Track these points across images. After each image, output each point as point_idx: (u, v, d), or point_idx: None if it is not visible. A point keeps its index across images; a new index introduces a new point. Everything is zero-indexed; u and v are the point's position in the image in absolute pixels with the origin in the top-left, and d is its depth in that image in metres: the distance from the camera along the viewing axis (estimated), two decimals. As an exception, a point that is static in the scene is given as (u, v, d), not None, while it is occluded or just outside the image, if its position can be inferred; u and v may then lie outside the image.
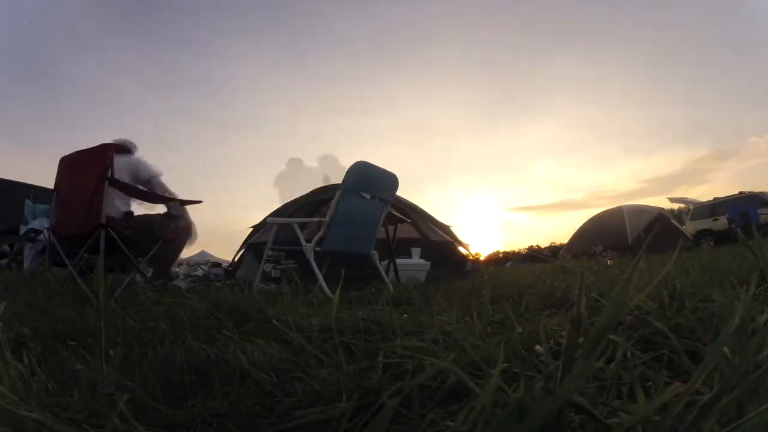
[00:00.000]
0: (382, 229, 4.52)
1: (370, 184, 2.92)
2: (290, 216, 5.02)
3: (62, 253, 2.60)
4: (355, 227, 2.93)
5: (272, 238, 2.87)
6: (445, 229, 5.74)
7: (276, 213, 5.69)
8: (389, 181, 3.12)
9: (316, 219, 2.95)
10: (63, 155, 2.86)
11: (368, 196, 2.91)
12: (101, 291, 0.88)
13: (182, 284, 3.06)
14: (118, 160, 3.08)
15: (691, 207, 13.91)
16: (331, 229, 2.76)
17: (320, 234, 2.75)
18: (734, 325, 0.51)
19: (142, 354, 0.98)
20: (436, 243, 5.27)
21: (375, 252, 3.03)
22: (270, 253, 3.07)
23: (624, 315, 0.72)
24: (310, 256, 2.62)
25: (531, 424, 0.40)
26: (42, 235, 4.33)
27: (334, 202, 2.79)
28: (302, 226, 2.82)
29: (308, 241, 2.72)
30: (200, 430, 0.65)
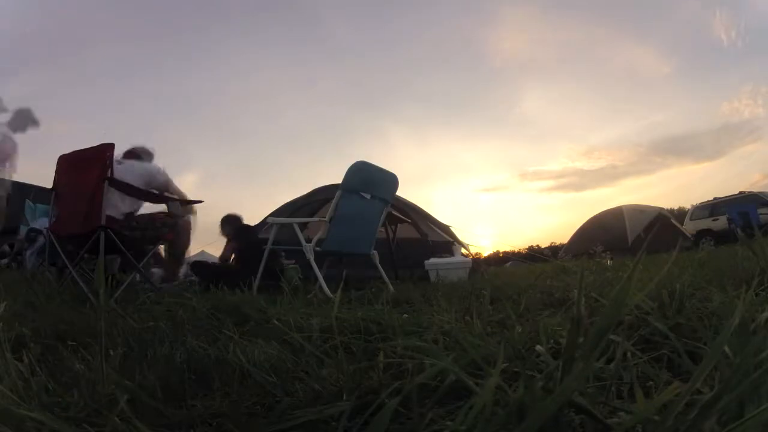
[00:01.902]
0: (382, 229, 4.55)
1: (370, 184, 2.93)
2: (290, 216, 5.02)
3: (62, 254, 2.60)
4: (355, 227, 2.93)
5: (272, 238, 2.87)
6: (445, 229, 5.74)
7: (276, 213, 5.70)
8: (389, 181, 3.13)
9: (316, 219, 2.95)
10: (62, 154, 2.86)
11: (368, 196, 2.92)
12: (101, 291, 0.88)
13: (185, 281, 3.07)
14: (132, 164, 3.09)
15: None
16: (331, 229, 2.76)
17: (320, 234, 2.76)
18: (734, 325, 0.51)
19: (142, 354, 0.98)
20: (436, 243, 5.27)
21: (375, 252, 3.04)
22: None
23: (624, 315, 0.72)
24: (310, 256, 2.62)
25: (531, 423, 0.40)
26: (42, 235, 4.34)
27: (334, 202, 2.80)
28: (302, 225, 2.82)
29: (308, 241, 2.72)
30: (200, 430, 0.65)
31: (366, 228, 3.02)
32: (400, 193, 3.38)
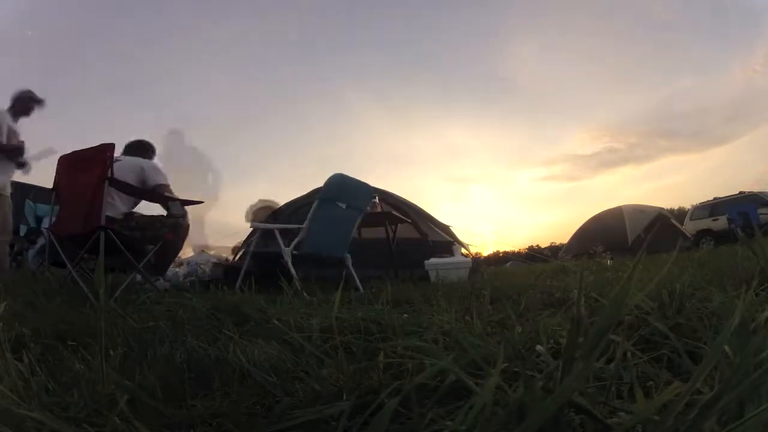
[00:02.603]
0: (382, 229, 4.57)
1: (346, 194, 3.19)
2: (290, 216, 5.03)
3: (62, 254, 2.60)
4: (331, 233, 3.18)
5: (255, 241, 3.19)
6: (445, 229, 5.74)
7: (277, 212, 5.70)
8: (364, 192, 3.40)
9: (295, 226, 3.17)
10: (63, 154, 2.87)
11: (344, 206, 3.18)
12: (101, 291, 0.87)
13: (167, 284, 3.07)
14: (127, 161, 3.08)
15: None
16: (309, 234, 3.01)
17: (299, 237, 3.00)
18: (734, 325, 0.51)
19: (142, 354, 0.98)
20: (436, 243, 5.27)
21: (348, 255, 3.26)
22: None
23: (624, 315, 0.72)
24: (288, 258, 2.83)
25: (531, 423, 0.40)
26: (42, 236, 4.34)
27: (312, 209, 3.04)
28: (284, 230, 3.06)
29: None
30: (200, 430, 0.65)
31: (341, 234, 3.26)
32: (386, 187, 3.62)
